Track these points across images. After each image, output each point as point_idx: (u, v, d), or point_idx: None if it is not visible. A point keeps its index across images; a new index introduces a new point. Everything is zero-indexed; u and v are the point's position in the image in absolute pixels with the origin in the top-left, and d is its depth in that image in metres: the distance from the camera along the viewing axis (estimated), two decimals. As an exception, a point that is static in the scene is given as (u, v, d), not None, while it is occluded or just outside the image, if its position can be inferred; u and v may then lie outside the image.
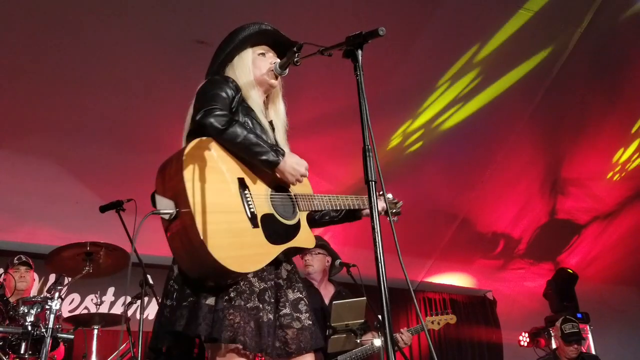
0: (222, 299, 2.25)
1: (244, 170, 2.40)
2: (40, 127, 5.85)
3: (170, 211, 2.21)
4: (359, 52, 2.23)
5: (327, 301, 4.95)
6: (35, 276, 5.66)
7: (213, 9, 5.23)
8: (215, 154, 2.33)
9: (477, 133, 7.52)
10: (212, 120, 2.32)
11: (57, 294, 4.13)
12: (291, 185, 2.52)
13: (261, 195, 2.41)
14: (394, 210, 3.18)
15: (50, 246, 4.93)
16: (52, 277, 6.31)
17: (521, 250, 9.67)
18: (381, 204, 2.78)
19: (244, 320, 2.21)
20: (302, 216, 2.49)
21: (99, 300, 5.58)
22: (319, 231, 7.55)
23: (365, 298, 4.53)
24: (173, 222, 2.24)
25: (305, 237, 2.46)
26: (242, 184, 2.36)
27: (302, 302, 2.47)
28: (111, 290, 7.05)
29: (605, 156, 8.35)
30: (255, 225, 2.30)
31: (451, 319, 5.30)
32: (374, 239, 1.98)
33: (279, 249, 2.34)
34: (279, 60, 2.68)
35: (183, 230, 2.20)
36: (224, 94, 2.48)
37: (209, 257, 2.13)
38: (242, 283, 2.29)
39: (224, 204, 2.26)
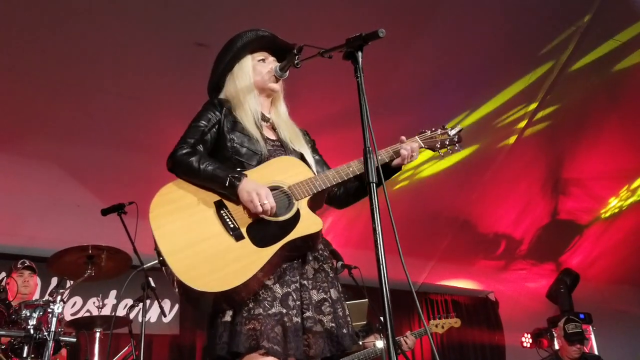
0: (240, 311, 2.27)
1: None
2: (42, 130, 5.86)
3: (153, 262, 2.32)
4: (359, 54, 2.23)
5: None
6: (38, 280, 5.66)
7: (213, 12, 5.24)
8: (183, 192, 2.44)
9: (479, 133, 7.53)
10: (171, 162, 2.48)
11: (59, 297, 4.13)
12: (287, 178, 2.48)
13: (245, 206, 2.40)
14: (447, 141, 2.81)
15: (52, 249, 4.92)
16: (54, 281, 6.32)
17: (523, 251, 9.67)
18: (414, 144, 2.68)
19: (265, 327, 2.21)
20: (301, 205, 2.43)
21: (101, 304, 5.58)
22: (323, 231, 7.56)
23: (367, 300, 4.52)
24: (165, 273, 2.32)
25: (308, 224, 2.39)
26: (220, 205, 2.40)
27: (327, 302, 2.41)
28: (113, 293, 7.05)
29: (606, 156, 8.34)
30: (239, 238, 2.31)
31: (455, 322, 5.24)
32: (375, 240, 1.98)
33: (273, 249, 2.30)
34: (279, 64, 2.69)
35: (169, 276, 2.28)
36: (200, 123, 2.57)
37: (193, 290, 2.20)
38: (261, 292, 2.29)
39: (199, 234, 2.32)
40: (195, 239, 2.31)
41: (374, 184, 2.06)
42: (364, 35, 2.22)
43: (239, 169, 2.47)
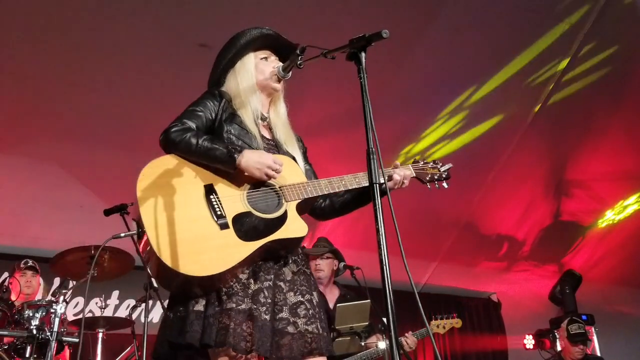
0: (212, 303, 2.26)
1: (214, 176, 2.43)
2: (44, 131, 5.87)
3: (131, 232, 2.32)
4: (363, 54, 2.23)
5: (331, 304, 4.94)
6: (41, 280, 5.67)
7: (216, 13, 5.24)
8: (175, 168, 2.41)
9: (481, 135, 7.52)
10: (164, 138, 2.45)
11: (61, 298, 4.14)
12: (280, 178, 2.47)
13: (234, 195, 2.39)
14: (436, 176, 2.88)
15: (54, 250, 4.93)
16: (56, 281, 6.32)
17: (525, 252, 9.65)
18: (407, 171, 2.74)
19: (235, 322, 2.20)
20: (290, 207, 2.42)
21: (103, 304, 5.59)
22: (325, 232, 7.56)
23: (369, 301, 4.52)
24: (140, 245, 2.33)
25: (294, 227, 2.39)
26: (210, 190, 2.38)
27: (303, 305, 2.39)
28: (115, 293, 7.06)
29: (610, 157, 8.33)
30: (223, 227, 2.29)
31: (457, 322, 5.21)
32: (378, 241, 1.97)
33: (255, 245, 2.29)
34: (281, 64, 2.68)
35: (145, 248, 2.27)
36: (197, 108, 2.57)
37: (168, 268, 2.18)
38: (235, 285, 2.29)
39: (184, 214, 2.30)
40: (179, 218, 2.28)
41: (378, 185, 2.06)
42: (368, 36, 2.21)
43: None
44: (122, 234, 4.17)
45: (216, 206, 2.34)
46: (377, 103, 2.30)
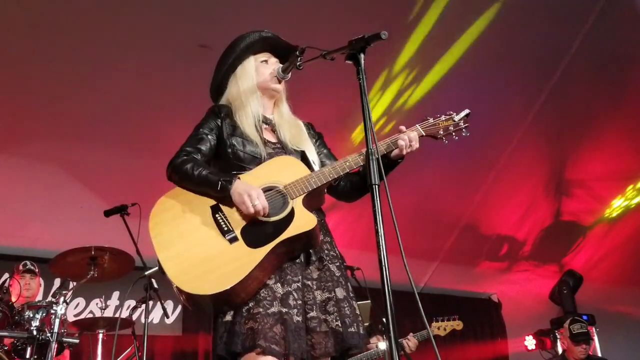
0: (240, 311, 2.29)
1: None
2: (45, 132, 5.88)
3: (154, 269, 2.39)
4: (362, 55, 2.23)
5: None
6: (41, 281, 5.67)
7: (215, 14, 5.25)
8: (180, 200, 2.50)
9: (481, 135, 7.52)
10: (169, 172, 2.53)
11: (62, 299, 4.14)
12: (282, 178, 2.47)
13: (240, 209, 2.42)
14: (452, 127, 2.70)
15: (55, 251, 4.93)
16: (56, 282, 6.32)
17: (526, 252, 9.65)
18: (412, 133, 2.60)
19: (263, 326, 2.21)
20: (296, 203, 2.42)
21: (103, 305, 5.59)
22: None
23: (369, 301, 4.52)
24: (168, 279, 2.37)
25: (301, 222, 2.38)
26: (215, 210, 2.44)
27: (331, 302, 2.39)
28: (116, 294, 7.06)
29: (610, 157, 8.33)
30: (233, 241, 2.35)
31: (457, 324, 5.19)
32: (378, 242, 1.98)
33: (265, 249, 2.30)
34: (281, 65, 2.69)
35: (169, 281, 2.33)
36: (200, 130, 2.61)
37: (188, 294, 2.25)
38: (262, 291, 2.30)
39: (194, 239, 2.38)
40: (190, 244, 2.37)
41: (377, 186, 2.06)
42: (367, 37, 2.22)
43: (233, 172, 2.49)
44: (146, 273, 4.34)
45: (222, 223, 2.39)
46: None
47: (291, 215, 2.41)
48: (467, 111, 2.75)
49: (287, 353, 2.22)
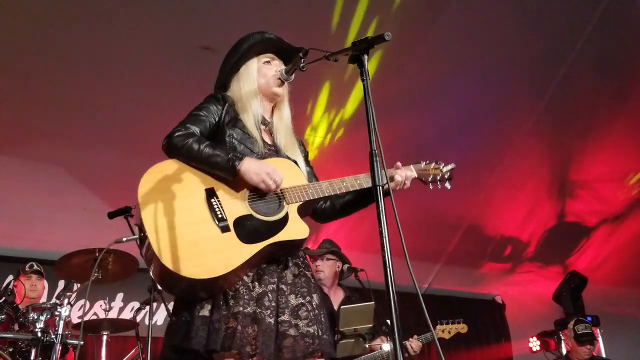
0: (218, 307, 2.26)
1: (216, 180, 2.44)
2: (49, 134, 5.89)
3: (133, 237, 2.34)
4: (365, 57, 2.23)
5: (336, 306, 4.93)
6: (45, 283, 5.68)
7: (218, 15, 5.26)
8: (175, 173, 2.42)
9: (484, 135, 7.51)
10: (167, 142, 2.47)
11: (66, 300, 4.14)
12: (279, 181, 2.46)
13: (236, 199, 2.41)
14: (439, 177, 2.86)
15: (59, 252, 4.94)
16: (61, 284, 6.33)
17: (530, 253, 9.63)
18: (408, 172, 2.73)
19: (241, 325, 2.21)
20: (291, 209, 2.43)
21: (107, 306, 5.59)
22: (328, 234, 7.55)
23: (373, 303, 4.52)
24: (143, 249, 2.33)
25: (294, 229, 2.39)
26: (211, 194, 2.39)
27: (304, 307, 2.40)
28: (120, 296, 7.06)
29: (614, 158, 8.30)
30: (225, 230, 2.30)
31: (462, 328, 5.16)
32: (382, 243, 1.97)
33: (256, 247, 2.30)
34: (284, 67, 2.70)
35: (147, 253, 2.28)
36: (201, 112, 2.59)
37: (170, 272, 2.18)
38: (240, 287, 2.29)
39: (185, 218, 2.31)
40: (180, 222, 2.29)
41: (381, 187, 2.06)
42: (370, 39, 2.22)
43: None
44: (124, 239, 4.18)
45: (217, 209, 2.35)
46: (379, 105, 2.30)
47: (285, 219, 2.41)
48: (452, 165, 2.91)
49: (254, 352, 2.22)
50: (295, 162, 2.66)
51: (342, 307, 4.64)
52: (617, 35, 6.83)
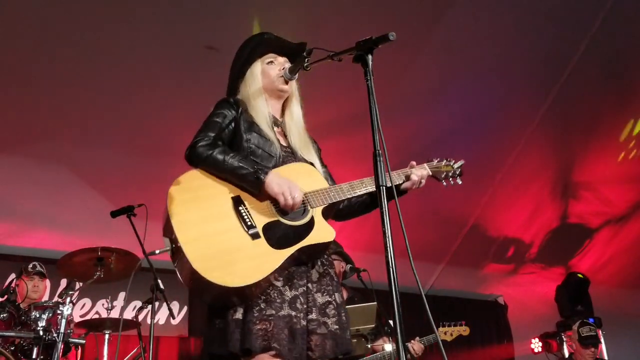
0: (252, 310, 2.28)
1: (241, 188, 2.46)
2: (51, 133, 5.90)
3: (166, 248, 2.36)
4: (369, 57, 2.23)
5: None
6: (48, 283, 5.68)
7: (222, 16, 5.25)
8: (201, 183, 2.45)
9: (487, 136, 7.50)
10: (191, 153, 2.46)
11: (68, 299, 4.14)
12: (303, 185, 2.48)
13: (262, 205, 2.43)
14: (450, 173, 2.97)
15: (61, 251, 4.94)
16: (63, 282, 6.34)
17: (532, 254, 9.62)
18: (424, 171, 2.78)
19: (277, 328, 2.24)
20: (315, 212, 2.46)
21: (110, 305, 5.59)
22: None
23: (375, 303, 4.51)
24: (175, 260, 2.35)
25: (322, 232, 2.43)
26: (238, 201, 2.42)
27: (331, 305, 2.43)
28: (122, 295, 7.06)
29: (617, 159, 8.28)
30: (255, 237, 2.33)
31: (464, 330, 5.17)
32: (385, 244, 1.97)
33: (287, 252, 2.33)
34: (289, 65, 2.71)
35: (181, 264, 2.30)
36: (218, 119, 2.58)
37: (206, 281, 2.21)
38: (272, 293, 2.32)
39: (215, 227, 2.34)
40: (211, 231, 2.33)
41: (384, 188, 2.06)
42: (374, 39, 2.22)
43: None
44: (157, 251, 4.22)
45: (246, 217, 2.37)
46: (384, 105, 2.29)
47: (311, 223, 2.44)
48: (462, 161, 3.04)
49: (291, 356, 2.25)
50: (313, 164, 2.67)
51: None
52: (622, 36, 6.82)
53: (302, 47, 2.72)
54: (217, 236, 2.32)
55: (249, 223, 2.35)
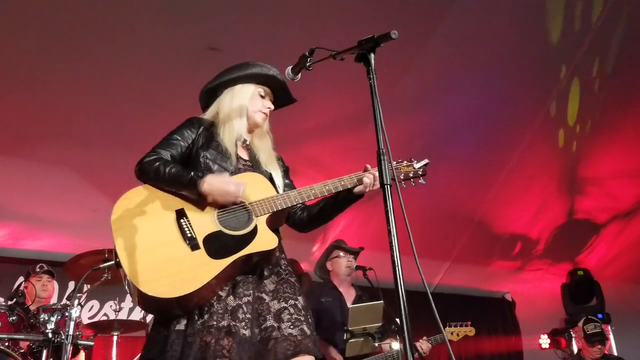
0: (193, 322, 2.32)
1: (186, 202, 2.52)
2: (58, 135, 5.91)
3: (108, 264, 2.44)
4: (372, 55, 2.23)
5: (349, 304, 4.93)
6: (56, 284, 5.70)
7: (225, 16, 5.26)
8: (146, 198, 2.51)
9: (493, 132, 7.49)
10: (138, 168, 2.57)
11: (76, 301, 4.16)
12: (250, 194, 2.53)
13: (205, 217, 2.49)
14: (411, 174, 2.80)
15: (69, 254, 4.96)
16: (70, 285, 6.36)
17: (539, 251, 9.59)
18: (375, 173, 2.66)
19: (215, 338, 2.26)
20: (259, 221, 2.50)
21: (117, 307, 5.61)
22: (336, 232, 7.55)
23: (382, 302, 4.51)
24: (121, 274, 2.40)
25: (264, 241, 2.46)
26: (181, 214, 2.48)
27: (286, 311, 2.45)
28: (130, 296, 7.07)
29: (624, 154, 8.24)
30: (194, 248, 2.38)
31: (470, 331, 5.22)
32: (391, 242, 1.97)
33: (226, 262, 2.36)
34: (271, 107, 2.85)
35: (123, 277, 2.37)
36: (174, 137, 2.71)
37: (143, 294, 2.26)
38: (214, 303, 2.35)
39: (156, 240, 2.40)
40: (151, 244, 2.38)
41: (389, 186, 2.06)
42: (376, 37, 2.22)
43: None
44: (101, 265, 4.42)
45: (186, 229, 2.43)
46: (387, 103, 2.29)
47: (254, 232, 2.48)
48: (426, 161, 2.85)
49: None
50: (272, 175, 2.73)
51: (350, 306, 4.65)
52: (627, 31, 6.79)
53: (292, 100, 2.93)
54: (156, 249, 2.37)
55: (189, 235, 2.41)
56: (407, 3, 5.69)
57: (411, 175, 2.80)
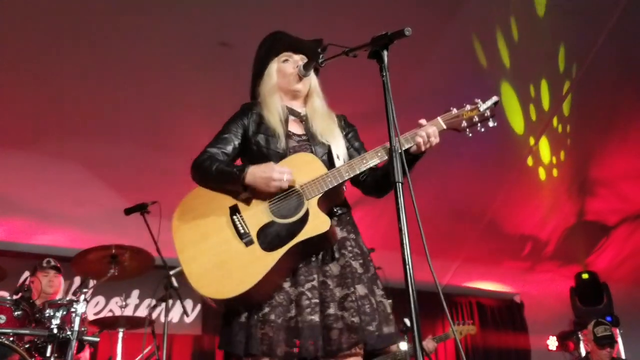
0: (255, 314, 2.35)
1: (237, 196, 2.52)
2: (65, 130, 5.91)
3: (178, 269, 2.51)
4: (385, 52, 2.21)
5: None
6: (62, 280, 5.69)
7: (236, 12, 5.24)
8: (201, 200, 2.54)
9: (504, 132, 7.44)
10: (191, 171, 2.58)
11: (82, 297, 4.15)
12: (300, 177, 2.45)
13: (258, 209, 2.46)
14: (477, 118, 2.53)
15: (75, 249, 4.95)
16: (77, 280, 6.36)
17: (549, 252, 9.52)
18: (431, 128, 2.48)
19: (278, 333, 2.30)
20: (310, 204, 2.41)
21: (123, 303, 5.60)
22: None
23: (390, 301, 4.47)
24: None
25: (315, 224, 2.38)
26: (234, 211, 2.48)
27: (349, 298, 2.39)
28: (136, 292, 7.08)
29: (635, 155, 8.17)
30: (249, 243, 2.39)
31: (471, 329, 5.34)
32: (402, 241, 1.94)
33: (279, 253, 2.34)
34: (299, 62, 2.71)
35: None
36: (224, 134, 2.66)
37: (206, 298, 2.35)
38: (277, 295, 2.36)
39: (212, 242, 2.43)
40: (208, 247, 2.42)
41: (400, 184, 2.02)
42: (390, 34, 2.20)
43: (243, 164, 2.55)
44: (171, 272, 4.53)
45: (239, 225, 2.43)
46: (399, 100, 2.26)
47: (305, 216, 2.41)
48: (495, 99, 2.55)
49: (298, 355, 2.30)
50: (329, 147, 2.61)
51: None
52: (639, 31, 6.72)
53: (317, 44, 2.70)
54: (212, 250, 2.41)
55: (242, 231, 2.41)
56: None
57: (476, 118, 2.51)
